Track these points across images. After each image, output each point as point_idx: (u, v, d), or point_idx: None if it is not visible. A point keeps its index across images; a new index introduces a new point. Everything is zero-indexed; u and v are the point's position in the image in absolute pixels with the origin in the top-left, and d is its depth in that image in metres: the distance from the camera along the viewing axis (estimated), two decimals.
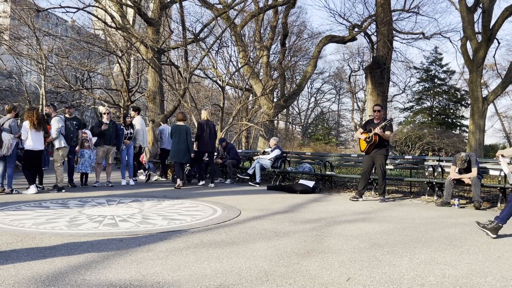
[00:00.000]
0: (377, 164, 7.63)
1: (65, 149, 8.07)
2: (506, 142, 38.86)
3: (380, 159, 7.60)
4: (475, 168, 7.12)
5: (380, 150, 7.59)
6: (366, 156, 7.77)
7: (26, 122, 7.59)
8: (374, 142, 7.50)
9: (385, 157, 7.68)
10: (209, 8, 17.60)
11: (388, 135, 7.58)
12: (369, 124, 7.92)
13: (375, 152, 7.61)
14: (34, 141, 7.61)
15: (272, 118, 18.78)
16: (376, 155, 7.61)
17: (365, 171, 7.81)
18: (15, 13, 19.87)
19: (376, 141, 7.49)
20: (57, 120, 7.94)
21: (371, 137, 7.50)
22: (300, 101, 44.49)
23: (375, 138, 7.47)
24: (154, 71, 16.10)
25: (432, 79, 38.05)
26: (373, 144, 7.52)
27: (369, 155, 7.68)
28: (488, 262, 3.63)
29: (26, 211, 5.72)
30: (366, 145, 7.64)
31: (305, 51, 30.03)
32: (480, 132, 16.99)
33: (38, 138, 7.67)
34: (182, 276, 3.04)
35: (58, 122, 7.93)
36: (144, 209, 6.01)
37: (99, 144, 9.15)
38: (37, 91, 31.21)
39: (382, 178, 7.66)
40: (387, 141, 7.73)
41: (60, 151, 8.01)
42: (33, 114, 7.64)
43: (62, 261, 3.36)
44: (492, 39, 17.23)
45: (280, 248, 3.92)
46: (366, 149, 7.66)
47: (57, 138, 7.90)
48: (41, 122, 7.71)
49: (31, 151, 7.66)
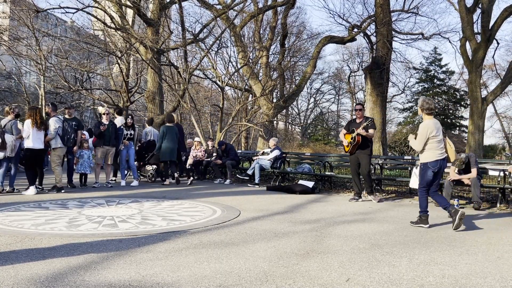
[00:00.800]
0: (362, 164, 7.66)
1: (61, 149, 8.06)
2: (505, 142, 38.90)
3: (365, 159, 7.63)
4: (475, 169, 7.12)
5: (364, 150, 7.63)
6: (352, 157, 7.81)
7: (28, 120, 7.60)
8: (358, 143, 7.54)
9: (369, 157, 7.72)
10: (209, 9, 17.60)
11: (371, 134, 7.60)
12: (351, 124, 7.99)
13: (360, 152, 7.65)
14: (34, 140, 7.61)
15: (272, 119, 18.77)
16: (360, 155, 7.65)
17: (353, 171, 7.86)
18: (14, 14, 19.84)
19: (359, 142, 7.53)
20: (55, 120, 7.95)
21: (355, 137, 7.54)
22: (299, 101, 44.48)
23: (358, 138, 7.51)
24: (153, 71, 16.09)
25: (431, 80, 38.09)
26: (357, 144, 7.56)
27: (354, 155, 7.73)
28: (487, 262, 3.63)
29: (26, 211, 5.71)
30: (350, 146, 7.68)
31: (304, 52, 30.06)
32: (479, 133, 17.01)
33: (38, 137, 7.68)
34: (181, 277, 3.04)
35: (55, 123, 7.93)
36: (144, 210, 6.01)
37: (99, 145, 9.15)
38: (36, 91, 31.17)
39: (367, 178, 7.69)
40: (371, 141, 7.78)
41: (56, 152, 8.01)
42: (36, 113, 7.69)
43: (62, 262, 3.36)
44: (491, 40, 17.25)
45: (279, 249, 3.92)
46: (350, 150, 7.69)
47: (53, 138, 7.90)
48: (43, 121, 7.77)
49: (31, 150, 7.66)
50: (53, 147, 7.95)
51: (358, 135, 7.48)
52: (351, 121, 8.20)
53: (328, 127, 46.36)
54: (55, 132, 7.89)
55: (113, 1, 15.93)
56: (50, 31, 20.25)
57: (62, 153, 8.15)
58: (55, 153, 8.00)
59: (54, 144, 7.93)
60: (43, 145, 7.82)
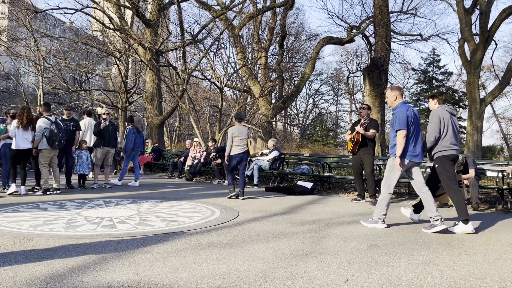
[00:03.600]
0: (365, 165, 7.66)
1: (47, 151, 7.91)
2: (503, 143, 38.98)
3: (368, 159, 7.62)
4: (472, 170, 7.14)
5: (366, 149, 7.62)
6: (354, 157, 7.82)
7: (15, 120, 7.67)
8: (357, 141, 7.55)
9: (372, 157, 7.70)
10: (207, 10, 17.62)
11: (371, 134, 7.56)
12: (356, 124, 7.99)
13: (362, 152, 7.64)
14: (20, 140, 7.61)
15: (270, 120, 18.77)
16: (363, 156, 7.64)
17: (356, 172, 7.86)
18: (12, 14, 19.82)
19: (359, 140, 7.53)
20: (41, 121, 7.85)
21: (355, 136, 7.55)
22: (298, 102, 44.56)
23: (358, 137, 7.52)
24: (152, 72, 16.09)
25: (430, 81, 38.15)
26: (357, 143, 7.56)
27: (357, 155, 7.72)
28: (486, 263, 3.64)
29: (24, 212, 5.70)
30: (352, 145, 7.69)
31: (303, 53, 30.12)
32: (477, 133, 17.04)
33: (24, 137, 7.67)
34: (180, 278, 3.04)
35: (43, 124, 7.84)
36: (142, 211, 6.00)
37: (98, 146, 9.13)
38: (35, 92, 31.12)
39: (371, 179, 7.65)
40: (373, 141, 7.75)
41: (43, 153, 7.90)
42: (23, 113, 7.66)
43: (60, 263, 3.35)
44: (489, 41, 17.30)
45: (278, 250, 3.92)
46: (352, 149, 7.70)
47: (39, 139, 7.84)
48: (30, 121, 7.69)
49: (16, 150, 7.66)
50: (39, 147, 7.85)
51: (358, 134, 7.49)
52: (356, 122, 8.16)
53: (327, 128, 46.41)
54: (41, 134, 7.78)
55: (112, 2, 15.93)
56: (48, 31, 20.24)
57: (49, 154, 7.96)
58: (42, 155, 7.90)
59: (40, 145, 7.84)
60: (30, 145, 7.77)
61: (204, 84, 28.86)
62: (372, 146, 7.75)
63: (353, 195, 8.79)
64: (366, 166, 7.64)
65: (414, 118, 5.13)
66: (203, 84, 28.91)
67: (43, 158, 7.92)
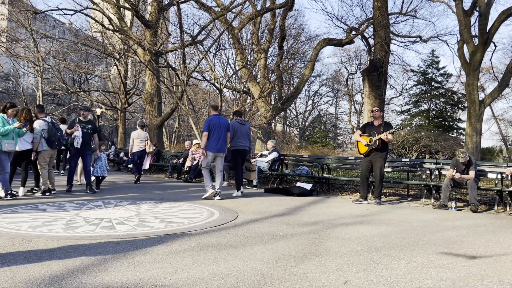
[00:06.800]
0: (376, 167, 7.59)
1: (47, 152, 7.91)
2: (502, 145, 39.03)
3: (380, 162, 7.57)
4: (473, 172, 7.14)
5: (381, 153, 7.58)
6: (365, 159, 7.75)
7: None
8: (378, 146, 7.49)
9: (384, 160, 7.67)
10: (207, 11, 17.64)
11: (392, 139, 7.64)
12: (368, 126, 7.87)
13: (375, 155, 7.60)
14: (19, 142, 7.58)
15: (270, 121, 18.78)
16: (375, 158, 7.60)
17: (363, 174, 7.80)
18: (12, 15, 19.82)
19: (380, 146, 7.49)
20: (37, 123, 7.85)
21: (376, 141, 7.48)
22: (297, 103, 44.63)
23: (379, 142, 7.46)
24: (151, 73, 16.09)
25: (429, 82, 38.21)
26: (376, 148, 7.52)
27: (368, 158, 7.68)
28: (485, 265, 3.64)
29: (23, 214, 5.69)
30: (367, 148, 7.62)
31: (302, 54, 30.15)
32: (477, 135, 17.07)
33: (23, 138, 7.64)
34: (179, 279, 3.04)
35: (40, 125, 7.85)
36: (141, 212, 6.00)
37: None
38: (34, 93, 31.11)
39: (379, 181, 7.63)
40: (387, 145, 7.73)
41: (42, 154, 7.89)
42: (21, 114, 7.65)
43: (59, 264, 3.35)
44: (488, 43, 17.34)
45: (277, 251, 3.92)
46: (367, 152, 7.64)
47: (38, 141, 7.82)
48: (28, 122, 7.68)
49: (16, 152, 7.63)
50: (38, 149, 7.85)
51: (380, 140, 7.45)
52: (368, 124, 8.05)
53: (326, 129, 46.45)
54: (39, 136, 7.78)
55: (111, 3, 15.94)
56: (48, 32, 20.26)
57: (48, 155, 7.97)
58: (41, 156, 7.89)
59: (40, 147, 7.84)
60: (29, 146, 7.75)
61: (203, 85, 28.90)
62: (387, 149, 7.73)
63: (352, 197, 8.79)
64: (377, 169, 7.58)
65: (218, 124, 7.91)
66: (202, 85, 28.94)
67: (42, 159, 7.91)
